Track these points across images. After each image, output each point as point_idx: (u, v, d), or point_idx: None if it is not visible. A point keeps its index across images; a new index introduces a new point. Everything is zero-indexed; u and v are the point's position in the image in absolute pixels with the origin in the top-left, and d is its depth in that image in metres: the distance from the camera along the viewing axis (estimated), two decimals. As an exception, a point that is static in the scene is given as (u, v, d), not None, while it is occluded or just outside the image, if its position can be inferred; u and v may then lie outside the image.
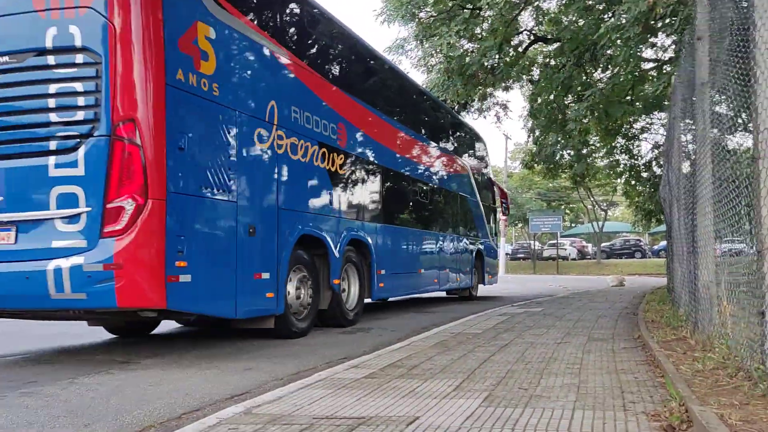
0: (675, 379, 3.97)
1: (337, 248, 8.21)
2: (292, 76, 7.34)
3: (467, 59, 15.64)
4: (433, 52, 17.73)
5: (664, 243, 46.34)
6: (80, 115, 4.95)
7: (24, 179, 4.99)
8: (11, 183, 5.02)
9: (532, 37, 18.17)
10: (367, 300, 9.51)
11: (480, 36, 16.18)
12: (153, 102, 4.99)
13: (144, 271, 4.85)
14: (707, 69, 5.18)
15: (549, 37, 17.75)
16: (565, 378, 4.43)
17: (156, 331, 8.04)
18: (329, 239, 7.98)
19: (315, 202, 7.74)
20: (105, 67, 4.89)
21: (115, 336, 7.56)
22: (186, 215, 5.31)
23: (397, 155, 10.42)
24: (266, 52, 6.82)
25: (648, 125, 22.20)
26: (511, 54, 16.63)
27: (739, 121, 4.31)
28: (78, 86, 4.94)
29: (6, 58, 5.13)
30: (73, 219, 4.86)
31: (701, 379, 4.04)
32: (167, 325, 8.50)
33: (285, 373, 5.16)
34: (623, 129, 20.79)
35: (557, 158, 20.44)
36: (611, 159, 23.23)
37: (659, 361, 4.72)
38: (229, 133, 6.01)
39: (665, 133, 12.72)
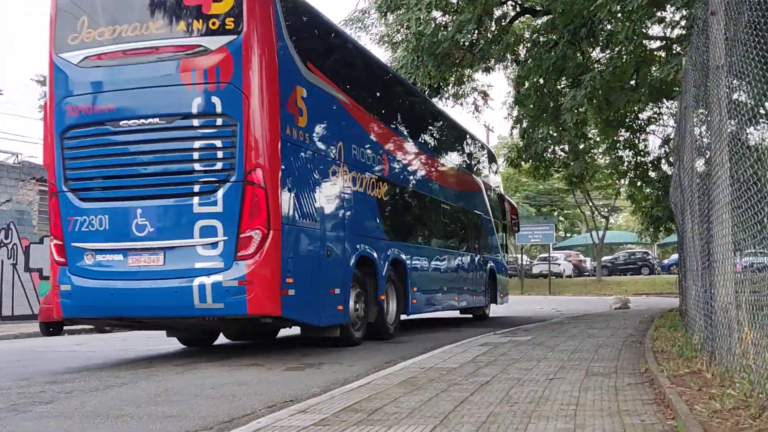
0: (688, 422, 4.02)
1: (384, 267, 11.31)
2: (351, 117, 10.53)
3: (440, 35, 15.76)
4: (399, 28, 17.82)
5: (675, 256, 47.19)
6: (219, 165, 8.09)
7: (172, 214, 8.11)
8: (161, 217, 8.15)
9: (517, 9, 18.43)
10: (403, 316, 12.55)
11: (455, 7, 16.32)
12: (273, 154, 8.18)
13: (267, 287, 7.97)
14: (723, 49, 5.30)
15: (538, 8, 18.02)
16: (558, 422, 4.46)
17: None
18: (378, 259, 11.10)
19: (368, 227, 10.96)
20: (240, 128, 7.99)
21: (185, 346, 11.32)
22: (291, 242, 8.54)
23: (424, 178, 13.79)
24: (337, 101, 10.10)
25: (656, 115, 22.66)
26: (492, 29, 16.83)
27: (762, 111, 4.42)
28: (218, 143, 8.08)
29: (157, 120, 8.22)
30: (213, 245, 7.96)
31: (719, 421, 4.11)
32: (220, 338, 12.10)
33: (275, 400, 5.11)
34: (627, 120, 21.20)
35: (549, 155, 20.71)
36: (613, 156, 23.64)
37: (670, 400, 4.79)
38: (314, 172, 9.22)
39: (676, 125, 13.00)
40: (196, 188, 8.25)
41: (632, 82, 17.19)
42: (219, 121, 8.22)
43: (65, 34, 9.00)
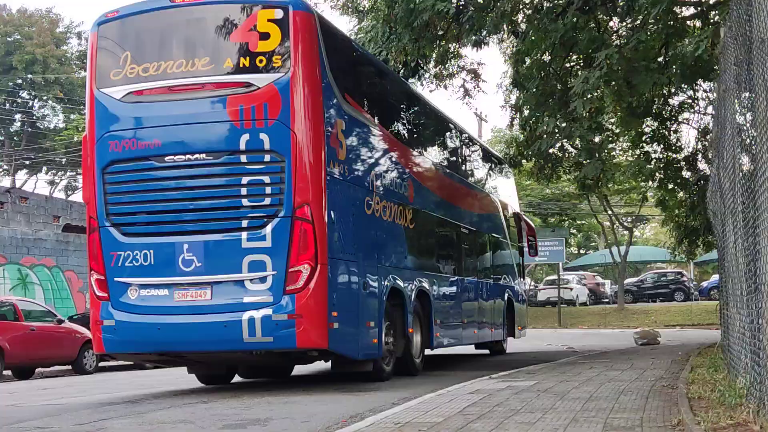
0: (731, 487, 4.05)
1: (411, 299, 13.12)
2: (381, 145, 12.69)
3: (418, 1, 15.82)
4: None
5: (716, 278, 47.65)
6: (267, 201, 9.94)
7: (220, 249, 9.96)
8: (209, 252, 9.94)
9: (515, -33, 18.54)
10: (427, 351, 14.45)
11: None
12: (319, 189, 10.11)
13: (316, 320, 9.88)
14: (770, 17, 5.36)
15: (541, -33, 18.15)
16: (569, 490, 4.47)
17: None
18: (406, 291, 12.88)
19: (396, 257, 12.88)
20: (288, 164, 9.85)
21: (203, 384, 13.10)
22: (336, 275, 10.50)
23: (446, 202, 15.75)
24: (369, 130, 12.26)
25: (690, 101, 22.92)
26: (484, -8, 16.91)
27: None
28: (266, 178, 9.99)
29: (204, 155, 10.05)
30: (261, 280, 9.78)
31: (770, 484, 4.14)
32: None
33: None
34: (654, 107, 21.41)
35: (556, 151, 20.81)
36: (637, 152, 23.81)
37: (708, 460, 4.82)
38: (352, 204, 11.22)
39: (714, 113, 13.16)
40: (245, 223, 10.21)
41: (660, 60, 17.37)
42: (267, 157, 10.26)
43: (107, 69, 10.90)
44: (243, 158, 10.26)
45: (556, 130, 16.82)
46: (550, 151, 17.19)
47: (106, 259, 10.71)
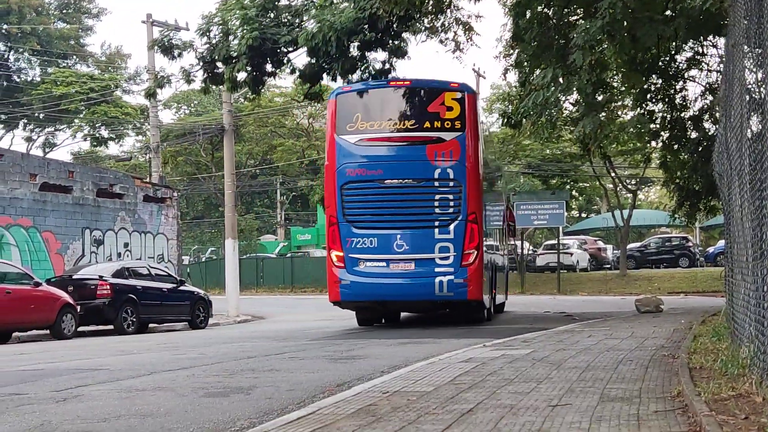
0: (732, 461, 4.03)
1: (495, 271, 21.46)
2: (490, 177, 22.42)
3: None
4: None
5: (723, 243, 47.65)
6: (451, 210, 17.27)
7: (420, 238, 17.17)
8: (414, 240, 17.17)
9: None
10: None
11: None
12: (480, 203, 17.76)
13: (478, 284, 17.37)
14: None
15: None
16: (562, 463, 4.46)
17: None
18: (497, 266, 21.83)
19: (492, 245, 21.93)
20: (464, 188, 17.21)
21: (360, 327, 19.11)
22: (483, 257, 18.05)
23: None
24: (488, 165, 22.28)
25: (698, 56, 22.79)
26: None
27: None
28: (450, 196, 17.28)
29: (411, 180, 17.48)
30: (446, 258, 17.11)
31: (772, 459, 4.13)
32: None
33: None
34: (659, 62, 21.28)
35: (556, 109, 20.69)
36: (641, 110, 23.72)
37: (708, 432, 4.81)
38: (485, 212, 19.21)
39: (721, 70, 13.06)
40: (436, 223, 17.34)
41: (666, 12, 17.23)
42: (451, 184, 17.40)
43: (344, 123, 17.67)
44: (436, 183, 17.52)
45: (556, 86, 16.68)
46: (547, 106, 16.99)
47: (344, 242, 17.48)
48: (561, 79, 16.60)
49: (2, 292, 18.39)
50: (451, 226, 17.25)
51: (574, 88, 17.00)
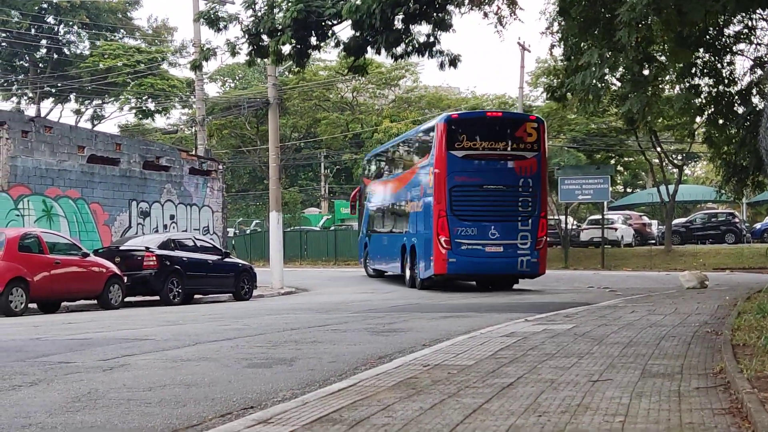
0: (772, 439, 4.02)
1: None
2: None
3: None
4: None
5: (769, 219, 47.16)
6: (529, 209, 24.05)
7: (508, 229, 23.83)
8: (503, 230, 23.81)
9: None
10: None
11: None
12: (546, 205, 26.18)
13: (545, 262, 24.79)
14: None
15: None
16: (601, 438, 4.47)
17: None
18: None
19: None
20: (538, 194, 24.28)
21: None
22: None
23: None
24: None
25: (746, 30, 22.42)
26: None
27: None
28: (529, 199, 24.05)
29: (502, 186, 24.07)
30: (525, 244, 23.91)
31: (813, 437, 4.10)
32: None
33: None
34: (707, 37, 20.95)
35: (602, 85, 20.48)
36: (686, 85, 23.42)
37: (749, 410, 4.79)
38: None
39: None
40: (519, 217, 23.59)
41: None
42: (530, 190, 23.65)
43: (452, 141, 23.45)
44: (519, 189, 23.72)
45: (602, 62, 16.50)
46: (593, 82, 16.78)
47: (451, 230, 23.34)
48: (608, 55, 16.43)
49: (51, 263, 18.65)
50: (529, 221, 23.79)
51: (622, 65, 16.79)
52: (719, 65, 22.44)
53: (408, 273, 26.29)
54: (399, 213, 28.21)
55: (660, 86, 23.49)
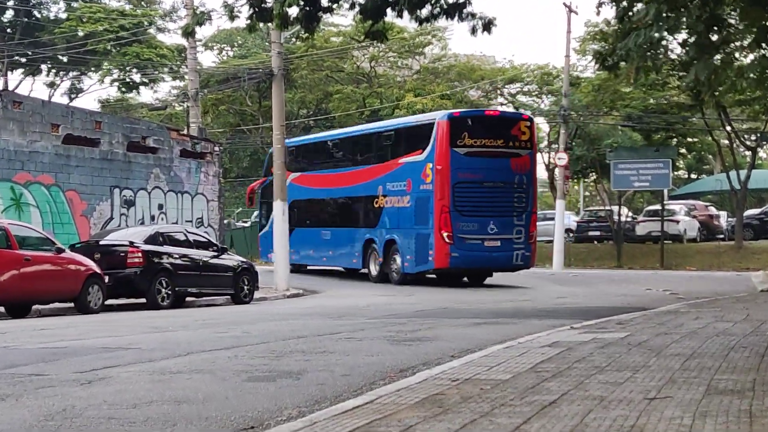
0: None
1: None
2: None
3: None
4: None
5: None
6: (523, 205, 29.00)
7: (504, 223, 28.56)
8: (500, 224, 28.44)
9: None
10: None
11: None
12: (536, 201, 31.86)
13: (535, 256, 30.59)
14: None
15: None
16: (659, 465, 4.46)
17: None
18: None
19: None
20: (530, 190, 29.51)
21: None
22: None
23: None
24: None
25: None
26: None
27: None
28: (523, 195, 29.07)
29: (501, 183, 28.78)
30: (519, 238, 28.81)
31: None
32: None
33: None
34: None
35: (661, 51, 20.41)
36: (761, 51, 23.26)
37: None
38: None
39: None
40: (515, 213, 28.31)
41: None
42: (524, 187, 28.60)
43: (455, 139, 27.67)
44: (515, 186, 28.11)
45: (660, 23, 16.40)
46: (651, 48, 16.64)
47: (453, 226, 27.21)
48: (667, 16, 16.32)
49: (20, 260, 18.70)
50: (523, 216, 28.52)
51: (683, 27, 16.68)
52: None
53: (374, 269, 30.76)
54: (358, 207, 32.07)
55: (730, 54, 23.33)
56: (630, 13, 18.77)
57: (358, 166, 32.41)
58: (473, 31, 21.28)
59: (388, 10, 21.68)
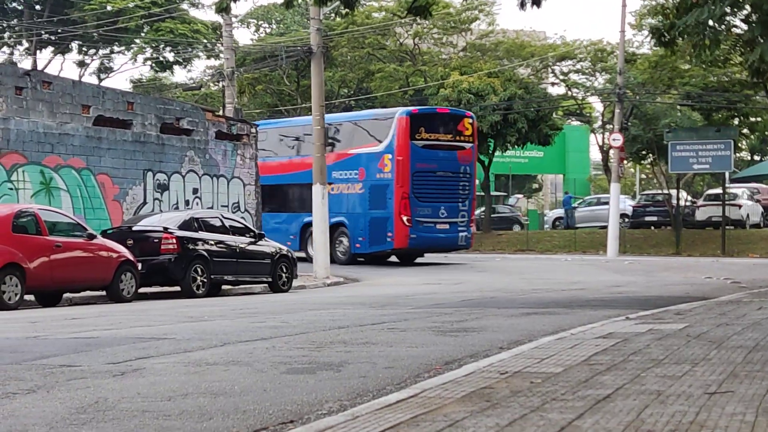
0: None
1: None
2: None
3: None
4: None
5: None
6: (467, 192, 37.33)
7: (451, 208, 36.63)
8: (448, 209, 36.40)
9: None
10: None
11: None
12: (475, 188, 40.78)
13: (473, 237, 39.55)
14: None
15: None
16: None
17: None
18: None
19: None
20: (471, 179, 37.95)
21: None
22: None
23: None
24: None
25: None
26: None
27: None
28: (467, 184, 37.41)
29: (449, 173, 36.89)
30: (463, 222, 37.16)
31: None
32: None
33: None
34: None
35: (722, 27, 20.20)
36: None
37: None
38: None
39: None
40: (460, 199, 36.48)
41: None
42: (468, 175, 36.98)
43: (414, 133, 34.79)
44: (461, 175, 36.15)
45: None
46: (711, 24, 16.50)
47: (412, 210, 34.00)
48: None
49: (51, 246, 18.81)
50: (466, 202, 36.00)
51: (747, 4, 16.52)
52: None
53: (311, 250, 33.13)
54: (302, 193, 34.99)
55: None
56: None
57: (304, 154, 36.06)
58: (522, 4, 21.17)
59: (433, -17, 21.77)
